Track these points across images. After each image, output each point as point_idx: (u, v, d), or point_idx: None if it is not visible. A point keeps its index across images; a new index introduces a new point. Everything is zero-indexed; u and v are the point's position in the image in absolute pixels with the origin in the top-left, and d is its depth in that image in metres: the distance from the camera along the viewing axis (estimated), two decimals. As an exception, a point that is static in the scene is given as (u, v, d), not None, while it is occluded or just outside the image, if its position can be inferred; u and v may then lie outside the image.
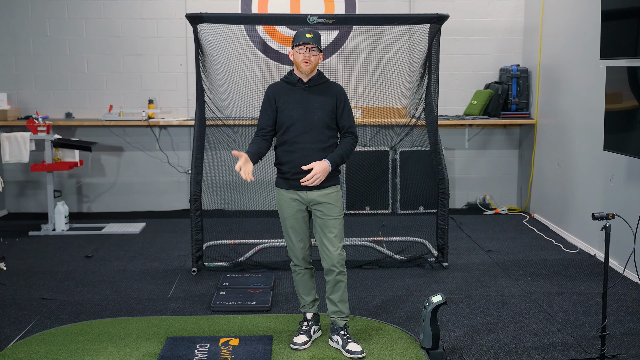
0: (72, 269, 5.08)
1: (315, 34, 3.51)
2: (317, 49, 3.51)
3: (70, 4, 6.84)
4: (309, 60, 3.50)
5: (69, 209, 6.40)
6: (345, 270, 3.59)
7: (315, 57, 3.52)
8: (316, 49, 3.51)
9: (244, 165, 3.40)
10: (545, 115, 6.59)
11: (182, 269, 5.10)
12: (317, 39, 3.52)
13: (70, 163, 6.26)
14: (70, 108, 6.97)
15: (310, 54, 3.50)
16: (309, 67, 3.52)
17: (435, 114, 5.10)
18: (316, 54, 3.52)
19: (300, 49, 3.51)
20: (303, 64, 3.51)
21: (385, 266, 5.12)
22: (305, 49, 3.50)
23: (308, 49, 3.50)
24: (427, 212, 6.23)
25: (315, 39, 3.50)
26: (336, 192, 3.60)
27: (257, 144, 3.57)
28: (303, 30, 3.53)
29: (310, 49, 3.50)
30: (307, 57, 3.50)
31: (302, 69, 3.53)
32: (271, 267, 5.06)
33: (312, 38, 3.48)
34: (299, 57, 3.51)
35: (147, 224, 6.51)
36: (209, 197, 5.41)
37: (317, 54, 3.53)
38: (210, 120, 5.17)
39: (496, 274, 4.96)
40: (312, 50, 3.50)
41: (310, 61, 3.51)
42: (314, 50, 3.50)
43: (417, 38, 5.23)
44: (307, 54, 3.50)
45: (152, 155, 7.08)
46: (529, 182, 6.94)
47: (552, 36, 6.37)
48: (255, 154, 3.50)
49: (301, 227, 3.61)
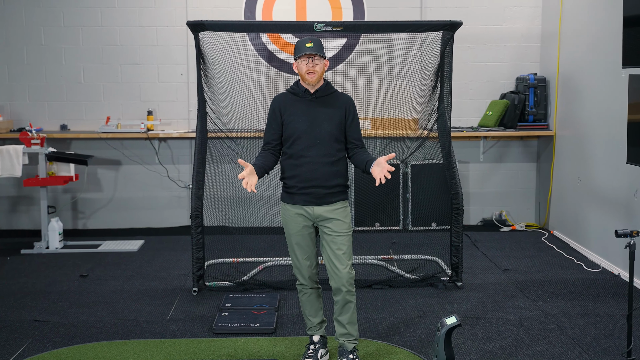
0: (66, 289, 5.09)
1: (315, 42, 3.52)
2: (320, 57, 3.53)
3: (66, 11, 6.91)
4: (313, 71, 3.52)
5: (63, 225, 6.42)
6: (354, 290, 3.58)
7: (319, 65, 3.53)
8: (319, 57, 3.52)
9: (247, 176, 3.40)
10: (564, 126, 6.58)
11: (182, 288, 5.10)
12: (318, 46, 3.53)
13: (65, 177, 6.30)
14: (65, 120, 7.02)
15: (313, 63, 3.51)
16: (315, 78, 3.53)
17: (448, 126, 5.11)
18: (320, 62, 3.54)
19: (302, 61, 3.52)
20: (308, 76, 3.53)
21: (396, 286, 5.11)
22: (308, 59, 3.51)
23: (310, 59, 3.51)
24: (440, 229, 6.22)
25: (316, 47, 3.51)
26: (344, 208, 3.60)
27: (263, 158, 3.58)
28: (302, 40, 3.54)
29: (313, 58, 3.51)
30: (310, 68, 3.51)
31: (308, 81, 3.54)
32: (276, 286, 5.06)
33: (312, 47, 3.50)
34: (303, 69, 3.53)
35: (145, 242, 6.52)
36: (210, 213, 5.42)
37: (320, 62, 3.54)
38: (212, 132, 5.19)
39: (514, 294, 4.94)
40: (314, 60, 3.51)
41: (315, 71, 3.52)
42: (316, 59, 3.52)
43: (429, 46, 5.25)
44: (310, 64, 3.51)
45: (151, 169, 7.11)
46: (547, 197, 6.92)
47: (571, 43, 6.38)
48: (261, 167, 3.51)
49: (307, 244, 3.62)
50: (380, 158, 3.42)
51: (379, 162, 3.41)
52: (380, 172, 3.37)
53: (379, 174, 3.38)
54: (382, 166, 3.39)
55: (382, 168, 3.38)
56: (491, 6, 7.09)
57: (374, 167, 3.43)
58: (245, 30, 5.41)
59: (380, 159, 3.42)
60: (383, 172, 3.36)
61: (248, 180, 3.39)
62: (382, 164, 3.39)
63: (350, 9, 7.00)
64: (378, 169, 3.40)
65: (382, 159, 3.41)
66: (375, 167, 3.42)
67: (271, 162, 3.60)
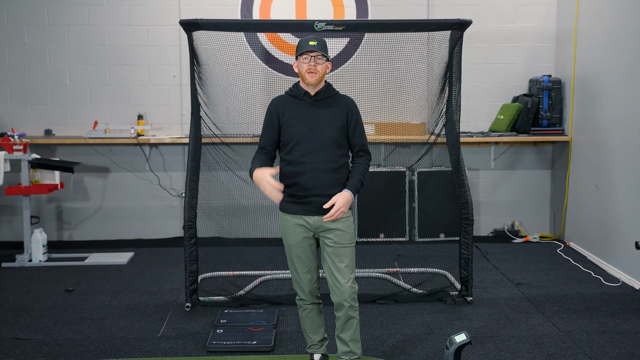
0: (51, 304, 5.10)
1: (319, 41, 3.55)
2: (323, 56, 3.55)
3: (50, 9, 6.94)
4: (314, 71, 3.54)
5: (47, 237, 6.43)
6: (357, 305, 3.59)
7: (321, 66, 3.56)
8: (322, 57, 3.55)
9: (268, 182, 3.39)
10: (580, 131, 6.60)
11: (174, 304, 5.11)
12: (323, 45, 3.56)
13: (50, 186, 6.31)
14: (50, 124, 7.04)
15: (315, 62, 3.54)
16: (316, 79, 3.56)
17: (457, 131, 5.13)
18: (322, 62, 3.56)
19: (304, 59, 3.55)
20: (308, 75, 3.55)
21: (402, 301, 5.11)
22: (310, 57, 3.54)
23: (312, 57, 3.54)
24: (449, 240, 6.23)
25: (320, 45, 3.54)
26: (347, 218, 3.61)
27: (260, 160, 3.58)
28: (306, 38, 3.57)
29: (315, 57, 3.54)
30: (312, 67, 3.54)
31: (307, 81, 3.57)
32: (274, 301, 5.06)
33: (316, 45, 3.52)
34: (304, 68, 3.55)
35: (135, 254, 6.53)
36: (204, 224, 5.43)
37: (323, 62, 3.57)
38: (206, 137, 5.21)
39: (527, 310, 4.94)
40: (317, 59, 3.54)
41: (317, 71, 3.55)
42: (319, 58, 3.55)
43: (436, 46, 5.28)
44: (312, 62, 3.54)
45: (141, 177, 7.13)
46: (563, 207, 6.94)
47: (588, 42, 6.41)
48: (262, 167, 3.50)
49: (308, 256, 3.63)
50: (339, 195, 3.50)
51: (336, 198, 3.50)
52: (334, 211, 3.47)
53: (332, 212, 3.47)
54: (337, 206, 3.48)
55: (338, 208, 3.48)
56: (503, 4, 7.12)
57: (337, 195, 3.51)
58: (241, 29, 5.43)
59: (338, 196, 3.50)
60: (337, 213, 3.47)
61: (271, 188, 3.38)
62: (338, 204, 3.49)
63: (353, 7, 7.04)
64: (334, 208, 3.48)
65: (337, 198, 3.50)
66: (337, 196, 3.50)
67: (269, 163, 3.61)
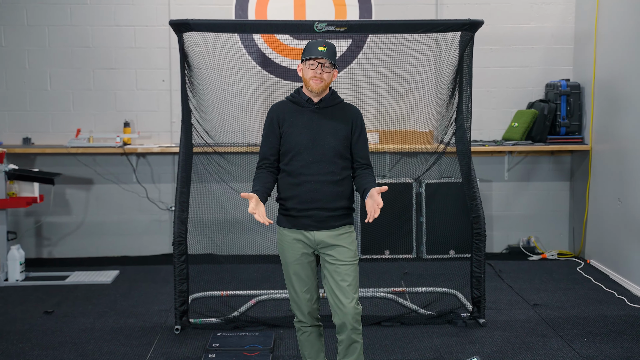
0: (28, 327, 5.10)
1: (329, 47, 3.58)
2: (330, 64, 3.58)
3: (30, 8, 6.98)
4: (320, 78, 3.57)
5: (25, 254, 6.44)
6: (360, 327, 3.60)
7: (328, 74, 3.59)
8: (330, 64, 3.58)
9: (257, 207, 3.41)
10: (601, 139, 6.63)
11: (162, 326, 5.12)
12: (332, 52, 3.59)
13: (28, 199, 6.31)
14: (29, 132, 7.06)
15: (322, 70, 3.57)
16: (320, 86, 3.59)
17: (467, 139, 5.14)
18: (329, 70, 3.59)
19: (310, 64, 3.58)
20: (313, 82, 3.58)
21: (409, 323, 5.12)
22: (317, 64, 3.56)
23: (320, 64, 3.56)
24: (459, 258, 6.24)
25: (329, 52, 3.57)
26: (349, 233, 3.63)
27: (261, 180, 3.59)
28: (315, 41, 3.60)
29: (323, 64, 3.57)
30: (318, 74, 3.57)
31: (311, 88, 3.59)
32: (271, 324, 5.07)
33: (325, 52, 3.55)
34: (309, 74, 3.58)
35: (120, 272, 6.53)
36: (196, 239, 5.44)
37: (330, 70, 3.60)
38: (198, 146, 5.23)
39: (545, 333, 4.95)
40: (324, 67, 3.57)
41: (322, 79, 3.58)
42: (327, 66, 3.58)
43: (445, 48, 5.30)
44: (319, 70, 3.57)
45: (127, 189, 7.15)
46: (583, 221, 6.95)
47: (609, 44, 6.44)
48: (263, 192, 3.53)
49: (307, 274, 3.65)
50: (373, 190, 3.46)
51: (372, 194, 3.45)
52: (371, 207, 3.41)
53: (370, 208, 3.41)
54: (373, 199, 3.43)
55: (373, 202, 3.42)
56: (517, 2, 7.16)
57: (367, 198, 3.47)
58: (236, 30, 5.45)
59: (373, 190, 3.45)
60: (373, 207, 3.40)
61: (259, 211, 3.40)
62: (374, 196, 3.43)
63: (356, 6, 7.08)
64: (370, 202, 3.44)
65: (375, 191, 3.44)
66: (369, 199, 3.46)
67: (271, 183, 3.62)
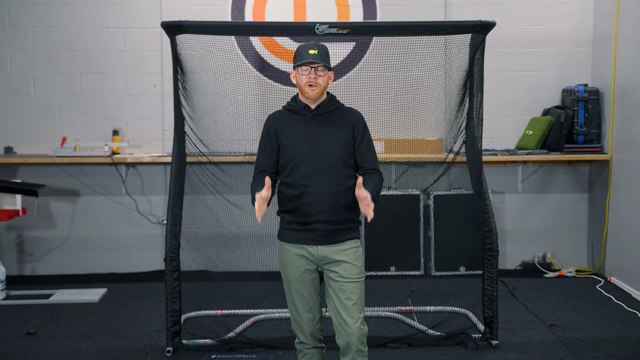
0: (9, 350, 5.08)
1: (321, 49, 3.57)
2: (324, 67, 3.58)
3: (12, 8, 6.99)
4: (315, 84, 3.56)
5: (6, 271, 6.42)
6: (366, 349, 3.58)
7: (323, 78, 3.58)
8: (323, 67, 3.57)
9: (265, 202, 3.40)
10: (622, 148, 6.62)
11: (153, 348, 5.09)
12: (324, 54, 3.58)
13: (10, 212, 6.31)
14: (11, 141, 7.06)
15: (316, 74, 3.56)
16: (316, 92, 3.58)
17: (479, 148, 5.14)
18: (324, 74, 3.59)
19: (303, 70, 3.57)
20: (308, 89, 3.57)
21: (417, 344, 5.10)
22: (310, 69, 3.56)
23: (313, 68, 3.56)
24: (470, 275, 6.22)
25: (321, 54, 3.56)
26: (355, 248, 3.62)
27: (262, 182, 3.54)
28: (305, 45, 3.59)
29: (316, 68, 3.56)
30: (312, 80, 3.56)
31: (307, 95, 3.59)
32: (269, 345, 5.05)
33: (317, 54, 3.54)
34: (303, 80, 3.58)
35: (108, 290, 6.52)
36: (189, 255, 5.42)
37: (325, 73, 3.59)
38: (191, 156, 5.23)
39: (562, 356, 4.93)
40: (318, 70, 3.56)
41: (318, 84, 3.57)
42: (320, 69, 3.57)
43: (455, 52, 5.30)
44: (313, 75, 3.56)
45: (116, 202, 7.14)
46: (603, 236, 6.93)
47: (630, 47, 6.44)
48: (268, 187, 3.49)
49: (310, 292, 3.63)
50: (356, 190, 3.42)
51: (358, 195, 3.43)
52: (364, 209, 3.40)
53: (364, 210, 3.39)
54: (360, 199, 3.41)
55: (361, 202, 3.40)
56: (532, 3, 7.17)
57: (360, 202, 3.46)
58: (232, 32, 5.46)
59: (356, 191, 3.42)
60: (363, 206, 3.39)
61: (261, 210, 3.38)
62: (359, 196, 3.41)
63: (360, 7, 7.10)
64: (361, 204, 3.42)
65: (357, 191, 3.41)
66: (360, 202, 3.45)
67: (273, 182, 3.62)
